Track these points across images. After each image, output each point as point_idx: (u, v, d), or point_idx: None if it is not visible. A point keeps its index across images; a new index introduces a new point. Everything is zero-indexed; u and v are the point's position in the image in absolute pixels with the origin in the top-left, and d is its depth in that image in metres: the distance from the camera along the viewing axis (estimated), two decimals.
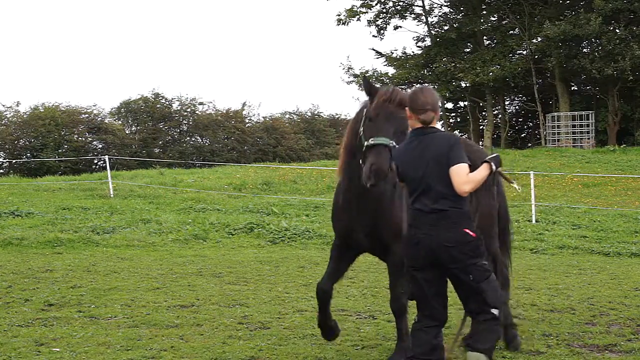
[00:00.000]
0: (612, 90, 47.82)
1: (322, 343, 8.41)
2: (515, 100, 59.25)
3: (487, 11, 53.42)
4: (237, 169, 37.66)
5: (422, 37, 56.63)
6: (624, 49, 43.43)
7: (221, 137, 63.40)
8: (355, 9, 53.00)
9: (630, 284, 13.06)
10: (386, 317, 9.81)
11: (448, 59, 51.44)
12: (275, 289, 12.05)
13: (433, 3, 56.08)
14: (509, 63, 48.69)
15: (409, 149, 6.24)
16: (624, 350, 8.22)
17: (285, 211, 23.40)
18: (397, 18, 55.25)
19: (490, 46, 53.04)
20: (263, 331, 9.01)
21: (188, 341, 8.41)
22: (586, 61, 45.03)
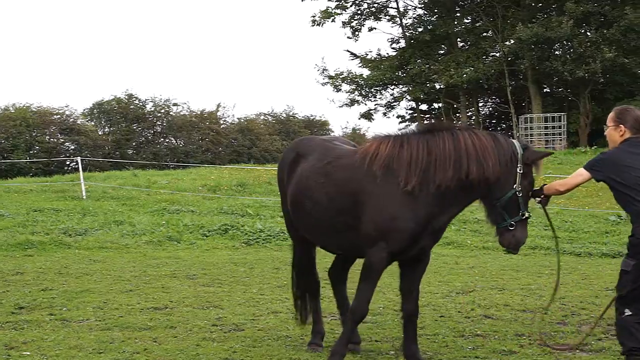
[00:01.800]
0: (583, 93, 48.17)
1: (297, 344, 8.42)
2: (489, 101, 59.52)
3: (461, 13, 53.68)
4: (212, 170, 37.53)
5: (397, 39, 56.77)
6: (594, 51, 43.77)
7: (195, 138, 63.22)
8: (330, 10, 53.03)
9: (601, 284, 13.17)
10: None
11: (422, 60, 51.62)
12: (249, 291, 12.03)
13: (407, 5, 56.27)
14: (482, 65, 48.91)
15: (632, 148, 6.81)
16: (594, 350, 8.30)
17: (260, 212, 23.36)
18: (371, 20, 55.36)
19: (464, 48, 53.25)
20: (237, 333, 8.99)
21: (161, 343, 8.37)
22: (558, 63, 45.35)
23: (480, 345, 8.50)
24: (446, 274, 14.07)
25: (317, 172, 7.60)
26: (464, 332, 9.15)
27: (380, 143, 7.31)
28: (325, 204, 7.44)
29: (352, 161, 7.43)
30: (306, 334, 8.88)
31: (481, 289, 12.52)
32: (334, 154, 7.72)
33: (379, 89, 55.41)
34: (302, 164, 7.84)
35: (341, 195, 7.33)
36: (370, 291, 7.30)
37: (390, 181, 7.06)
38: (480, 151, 6.96)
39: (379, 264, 7.16)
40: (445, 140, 7.09)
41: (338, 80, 54.21)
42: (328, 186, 7.44)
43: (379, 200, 7.08)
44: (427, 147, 7.08)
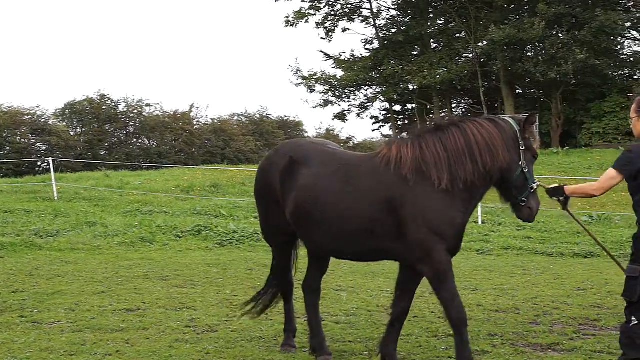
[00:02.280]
0: (555, 94, 48.55)
1: (270, 346, 8.40)
2: (462, 102, 59.80)
3: (434, 15, 53.91)
4: (185, 171, 37.43)
5: (370, 40, 56.93)
6: (566, 53, 44.13)
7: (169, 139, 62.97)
8: (304, 11, 53.07)
9: (573, 283, 13.25)
10: (334, 320, 9.83)
11: (396, 61, 51.78)
12: (223, 292, 11.98)
13: (381, 6, 56.57)
14: (455, 66, 49.17)
15: None
16: (566, 349, 8.35)
17: (234, 213, 23.30)
18: (345, 20, 55.49)
19: (437, 49, 53.48)
20: (210, 334, 8.95)
21: (134, 345, 8.32)
22: (530, 65, 45.68)
23: (453, 345, 8.50)
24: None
25: (329, 179, 7.39)
26: (438, 333, 9.17)
27: (399, 146, 7.23)
28: (346, 212, 7.21)
29: (374, 166, 7.27)
30: (280, 334, 8.86)
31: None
32: (344, 160, 7.57)
33: (352, 89, 55.54)
34: (302, 170, 7.57)
35: (371, 203, 7.12)
36: (455, 292, 7.11)
37: (425, 183, 7.00)
38: (490, 140, 7.05)
39: (447, 265, 7.04)
40: (455, 135, 7.13)
41: (312, 81, 54.27)
42: (351, 193, 7.23)
43: (423, 203, 6.98)
44: (442, 144, 7.11)
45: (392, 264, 14.84)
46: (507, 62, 46.77)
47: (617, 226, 21.86)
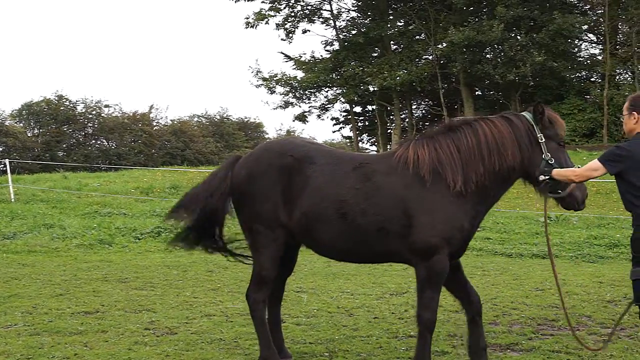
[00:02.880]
0: (514, 95, 48.94)
1: (230, 347, 8.37)
2: (422, 104, 60.02)
3: (394, 16, 54.06)
4: (145, 172, 37.21)
5: (331, 41, 56.96)
6: (524, 55, 44.50)
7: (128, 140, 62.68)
8: (264, 12, 52.93)
9: (531, 284, 13.37)
10: (294, 321, 9.82)
11: (356, 63, 51.84)
12: (183, 294, 11.93)
13: (341, 7, 56.50)
14: (415, 68, 49.35)
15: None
16: (525, 349, 8.42)
17: None
18: (305, 22, 55.41)
19: (397, 51, 53.63)
20: (170, 337, 8.90)
21: (92, 348, 8.24)
22: (489, 67, 46.02)
23: (413, 346, 8.49)
24: (380, 276, 14.13)
25: (349, 177, 7.22)
26: (398, 333, 9.20)
27: (415, 147, 7.18)
28: (368, 210, 7.06)
29: (392, 166, 7.17)
30: (240, 336, 8.85)
31: (414, 290, 12.54)
32: (359, 158, 7.46)
33: (313, 91, 55.53)
34: (312, 169, 7.33)
35: (391, 202, 7.02)
36: (438, 298, 7.08)
37: (441, 185, 6.96)
38: (500, 140, 7.03)
39: (445, 268, 7.01)
40: (467, 136, 7.11)
41: (272, 82, 54.17)
42: (372, 192, 7.09)
43: (436, 205, 6.94)
44: (455, 145, 7.08)
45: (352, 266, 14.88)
46: (467, 64, 47.07)
47: (574, 227, 22.09)
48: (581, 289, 12.76)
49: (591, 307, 11.10)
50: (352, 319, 10.11)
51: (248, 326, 9.28)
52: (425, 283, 7.02)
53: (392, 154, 7.32)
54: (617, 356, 8.11)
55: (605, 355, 8.12)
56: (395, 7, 54.47)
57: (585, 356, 8.11)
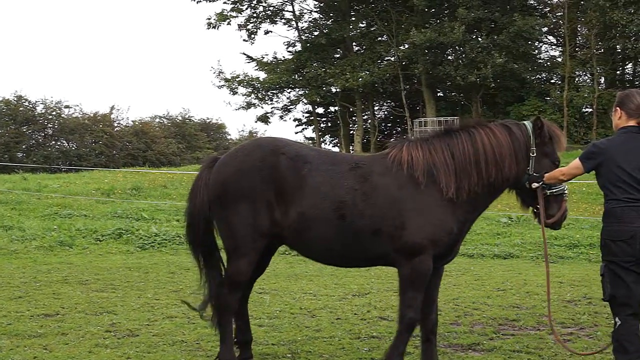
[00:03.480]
0: (475, 97, 49.31)
1: (192, 349, 8.33)
2: (384, 105, 60.25)
3: (356, 18, 54.20)
4: (106, 173, 36.95)
5: (293, 42, 57.01)
6: (485, 57, 44.86)
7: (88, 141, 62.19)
8: (226, 13, 52.83)
9: (493, 284, 13.47)
10: (257, 322, 9.79)
11: (318, 64, 51.93)
12: (144, 296, 11.85)
13: (303, 9, 56.70)
14: (377, 69, 49.53)
15: (625, 142, 6.58)
16: (486, 349, 8.48)
17: (156, 216, 23.08)
18: (267, 23, 55.44)
19: (360, 52, 53.81)
20: (131, 339, 8.83)
21: (52, 351, 8.15)
22: (451, 68, 46.33)
23: (376, 347, 8.58)
24: (343, 277, 14.15)
25: (347, 178, 7.09)
26: (360, 334, 9.22)
27: (409, 148, 7.12)
28: (366, 212, 6.97)
29: (387, 167, 7.10)
30: (202, 338, 8.81)
31: (377, 291, 12.64)
32: (353, 159, 7.35)
33: (275, 92, 55.52)
34: (307, 169, 7.14)
35: (387, 203, 6.95)
36: (421, 298, 7.02)
37: (434, 188, 6.92)
38: (497, 150, 6.98)
39: (429, 269, 6.95)
40: (464, 142, 7.06)
41: (234, 83, 54.05)
42: (369, 193, 6.99)
43: (427, 207, 6.90)
44: (450, 151, 7.04)
45: (315, 267, 14.88)
46: (428, 65, 47.33)
47: (535, 227, 22.27)
48: (542, 289, 12.87)
49: (552, 306, 11.17)
50: (314, 320, 10.11)
51: (210, 328, 9.24)
52: (408, 283, 6.98)
53: (385, 155, 7.24)
54: (576, 356, 8.17)
55: (565, 355, 8.19)
56: (357, 8, 54.64)
57: (546, 356, 8.19)
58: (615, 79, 51.20)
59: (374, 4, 53.56)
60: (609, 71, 49.02)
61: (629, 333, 6.39)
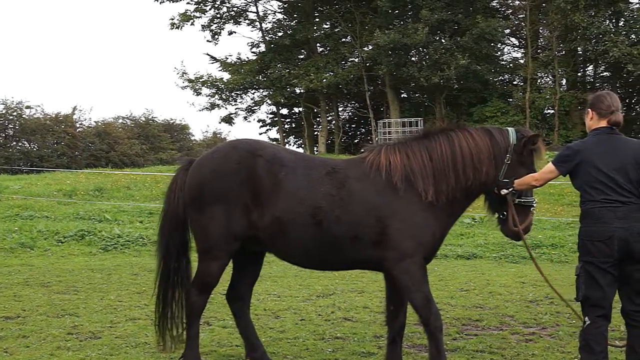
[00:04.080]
0: (439, 98, 49.53)
1: (155, 352, 8.27)
2: (348, 106, 60.34)
3: (320, 19, 54.28)
4: (68, 174, 36.61)
5: (257, 43, 56.92)
6: (449, 58, 45.08)
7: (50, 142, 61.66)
8: (189, 13, 52.62)
9: (456, 284, 13.54)
10: (221, 324, 9.77)
11: (282, 65, 51.88)
12: (107, 298, 11.76)
13: (267, 9, 56.66)
14: (341, 70, 49.60)
15: (599, 144, 6.61)
16: (449, 349, 8.51)
17: (119, 218, 22.92)
18: (231, 23, 55.32)
19: (324, 53, 53.87)
20: (94, 341, 8.76)
21: (12, 354, 8.07)
22: (414, 69, 46.50)
23: (340, 347, 8.58)
24: (307, 278, 14.15)
25: (324, 183, 7.01)
26: (324, 335, 9.22)
27: (387, 152, 7.09)
28: (343, 217, 6.89)
29: (364, 172, 7.04)
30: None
31: (341, 291, 12.66)
32: (330, 163, 7.26)
33: (239, 93, 55.39)
34: (284, 172, 7.07)
35: (364, 209, 6.89)
36: (431, 295, 6.96)
37: (413, 192, 6.87)
38: (476, 155, 6.95)
39: (424, 269, 6.92)
40: (442, 145, 7.02)
41: (198, 83, 53.85)
42: (346, 198, 6.92)
43: (408, 211, 6.85)
44: (428, 154, 7.01)
45: (279, 268, 14.87)
46: (392, 66, 47.46)
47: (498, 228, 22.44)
48: (504, 289, 12.97)
49: (514, 307, 11.28)
50: (278, 321, 10.10)
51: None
52: (412, 287, 6.89)
53: (363, 159, 7.18)
54: (538, 355, 8.26)
55: (528, 354, 8.26)
56: (321, 9, 54.73)
57: (509, 355, 8.25)
58: (577, 81, 51.73)
59: (337, 5, 53.67)
60: (570, 73, 49.50)
61: (596, 333, 6.47)
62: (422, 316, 6.93)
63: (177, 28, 52.59)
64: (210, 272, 7.32)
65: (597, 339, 6.45)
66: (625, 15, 45.24)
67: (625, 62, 42.95)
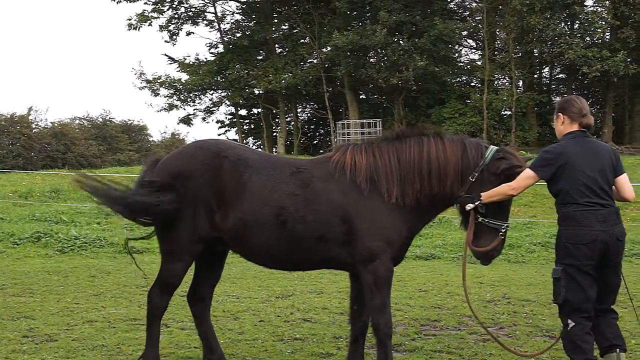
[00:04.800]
0: (397, 99, 49.82)
1: (113, 354, 8.21)
2: (307, 107, 60.45)
3: (279, 20, 54.31)
4: (23, 176, 36.18)
5: (215, 44, 56.80)
6: (407, 59, 45.35)
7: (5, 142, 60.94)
8: (147, 13, 52.30)
9: (415, 285, 13.59)
10: (179, 326, 9.72)
11: (241, 65, 51.82)
12: (64, 300, 11.64)
13: (225, 10, 56.51)
14: (300, 71, 49.66)
15: (578, 146, 6.67)
16: (408, 350, 8.56)
17: (76, 219, 22.69)
18: (189, 24, 55.11)
19: (283, 54, 53.91)
20: (50, 344, 8.67)
21: None
22: (373, 71, 46.70)
23: (299, 348, 8.58)
24: (266, 279, 14.13)
25: (288, 183, 6.97)
26: (283, 336, 9.21)
27: (353, 152, 7.02)
28: (308, 218, 6.86)
29: (329, 172, 6.99)
30: (123, 342, 8.69)
31: (300, 293, 12.66)
32: (296, 164, 7.21)
33: (197, 93, 55.25)
34: (248, 173, 7.01)
35: (329, 209, 6.85)
36: (389, 302, 6.92)
37: (378, 193, 6.83)
38: (443, 166, 6.86)
39: (390, 271, 6.87)
40: (412, 149, 6.94)
41: (156, 84, 53.58)
42: (311, 199, 6.88)
43: (373, 211, 6.81)
44: (396, 156, 6.93)
45: (238, 269, 14.84)
46: (351, 67, 47.62)
47: (456, 229, 22.60)
48: (462, 289, 13.03)
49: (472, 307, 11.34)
50: (237, 322, 10.07)
51: (131, 332, 9.15)
52: (373, 289, 6.85)
53: (328, 159, 7.15)
54: (496, 355, 8.31)
55: (485, 354, 8.32)
56: (279, 10, 54.77)
57: (466, 355, 8.30)
58: (533, 83, 52.38)
59: (296, 6, 53.73)
60: (527, 75, 50.06)
61: (582, 334, 6.52)
62: (374, 320, 6.94)
63: (134, 29, 52.29)
64: (172, 273, 7.28)
65: (584, 338, 6.50)
66: (580, 17, 45.91)
67: (581, 64, 43.55)
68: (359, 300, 7.30)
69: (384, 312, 6.84)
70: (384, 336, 6.87)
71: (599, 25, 46.19)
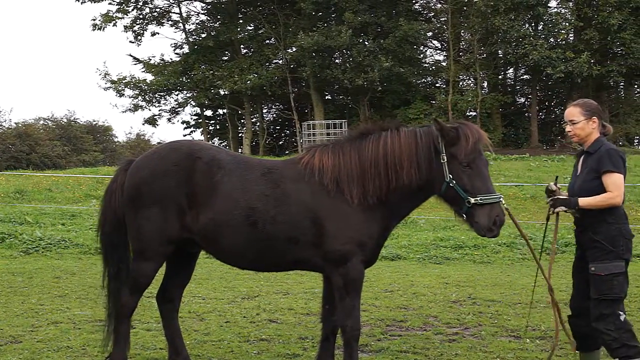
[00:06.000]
0: (363, 100, 49.94)
1: (78, 355, 8.19)
2: (273, 108, 60.41)
3: (244, 20, 54.22)
4: None
5: (180, 45, 56.59)
6: (372, 60, 45.51)
7: None
8: (111, 14, 52.00)
9: (381, 286, 13.65)
10: (145, 327, 9.69)
11: (206, 66, 51.68)
12: (28, 301, 11.56)
13: (190, 11, 56.46)
14: (265, 72, 49.62)
15: None
16: (374, 350, 8.61)
17: (40, 220, 22.51)
18: (154, 24, 54.88)
19: (248, 55, 53.82)
20: (14, 345, 8.61)
21: None
22: (338, 71, 46.80)
23: (265, 349, 8.60)
24: (232, 280, 14.13)
25: (259, 184, 6.94)
26: (249, 337, 9.23)
27: (321, 154, 6.99)
28: (278, 218, 6.84)
29: (298, 173, 6.95)
30: (88, 343, 8.66)
31: (266, 293, 12.67)
32: (267, 165, 7.19)
33: (163, 94, 55.03)
34: (220, 174, 7.01)
35: (299, 210, 6.83)
36: (359, 305, 6.91)
37: (344, 194, 6.80)
38: (398, 157, 6.78)
39: (361, 274, 6.85)
40: (371, 145, 6.90)
41: (121, 85, 53.25)
42: (281, 200, 6.86)
43: (344, 212, 6.77)
44: (357, 154, 6.90)
45: (204, 270, 14.81)
46: (316, 68, 47.68)
47: (422, 229, 22.74)
48: (428, 289, 13.13)
49: (437, 307, 11.44)
50: (203, 323, 10.07)
51: (96, 333, 9.10)
52: (343, 291, 6.85)
53: (298, 161, 7.12)
54: (462, 355, 8.39)
55: (451, 354, 8.39)
56: (245, 11, 54.69)
57: (432, 355, 8.36)
58: (498, 83, 52.76)
59: (261, 6, 53.68)
60: (492, 75, 50.45)
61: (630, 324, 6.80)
62: (342, 322, 6.95)
63: (99, 29, 51.89)
64: (143, 273, 7.28)
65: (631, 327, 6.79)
66: (544, 19, 46.30)
67: (545, 65, 43.94)
68: (330, 300, 7.29)
69: (352, 314, 6.85)
70: (351, 338, 6.89)
71: (562, 27, 46.65)
